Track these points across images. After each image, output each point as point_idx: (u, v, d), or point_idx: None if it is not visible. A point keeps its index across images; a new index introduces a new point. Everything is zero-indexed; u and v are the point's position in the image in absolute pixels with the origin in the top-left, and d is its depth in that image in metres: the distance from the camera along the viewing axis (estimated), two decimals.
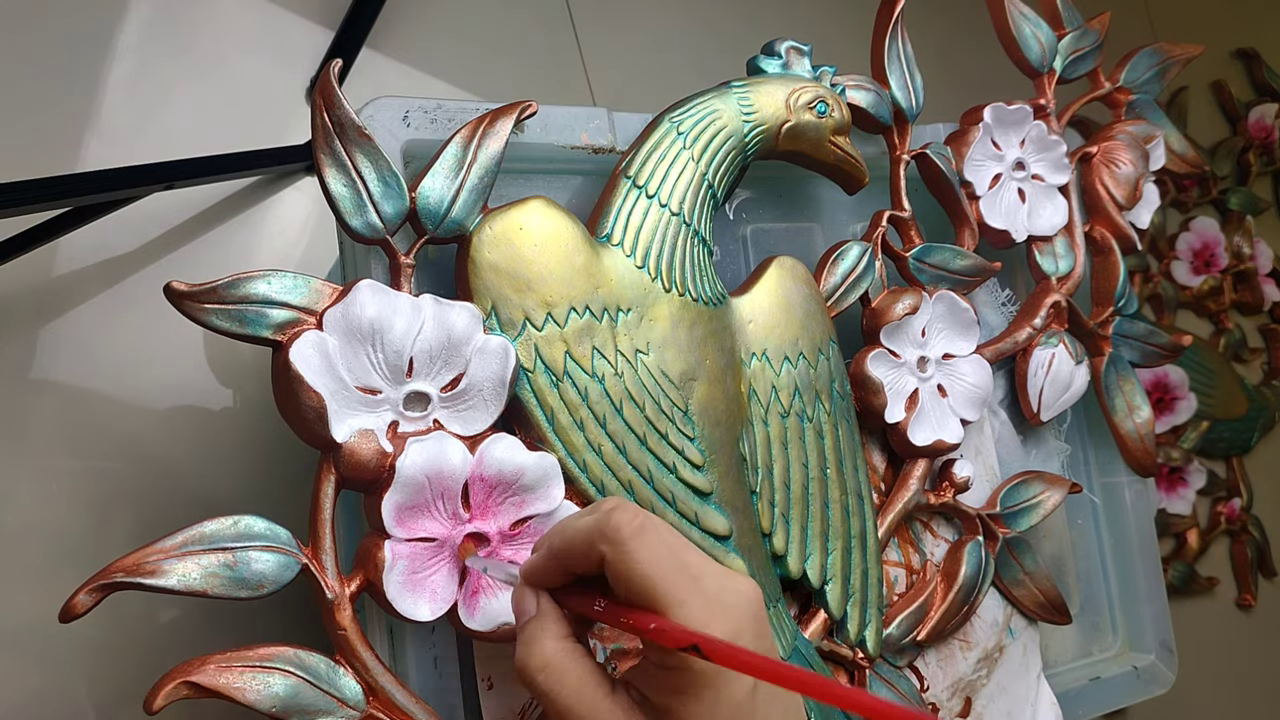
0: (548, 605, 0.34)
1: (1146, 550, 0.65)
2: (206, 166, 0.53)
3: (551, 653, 0.32)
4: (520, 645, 0.33)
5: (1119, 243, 0.63)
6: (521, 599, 0.34)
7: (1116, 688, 0.62)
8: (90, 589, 0.34)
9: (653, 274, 0.44)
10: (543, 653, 0.32)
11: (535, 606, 0.34)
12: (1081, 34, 0.64)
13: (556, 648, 0.33)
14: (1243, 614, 0.99)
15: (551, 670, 0.32)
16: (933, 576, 0.53)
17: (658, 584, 0.31)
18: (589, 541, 0.32)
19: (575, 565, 0.33)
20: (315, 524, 0.38)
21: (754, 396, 0.47)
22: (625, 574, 0.31)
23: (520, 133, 0.44)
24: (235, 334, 0.37)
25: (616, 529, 0.31)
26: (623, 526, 0.31)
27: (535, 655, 0.32)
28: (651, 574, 0.31)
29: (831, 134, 0.50)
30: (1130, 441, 0.63)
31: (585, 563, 0.33)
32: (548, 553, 0.34)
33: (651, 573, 0.31)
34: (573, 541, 0.33)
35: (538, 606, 0.34)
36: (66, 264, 0.52)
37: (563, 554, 0.33)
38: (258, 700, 0.35)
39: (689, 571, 0.31)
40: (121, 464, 0.51)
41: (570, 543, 0.33)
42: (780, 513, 0.47)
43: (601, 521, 0.32)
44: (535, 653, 0.32)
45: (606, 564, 0.32)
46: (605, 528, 0.32)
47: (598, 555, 0.32)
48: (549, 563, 0.34)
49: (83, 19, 0.55)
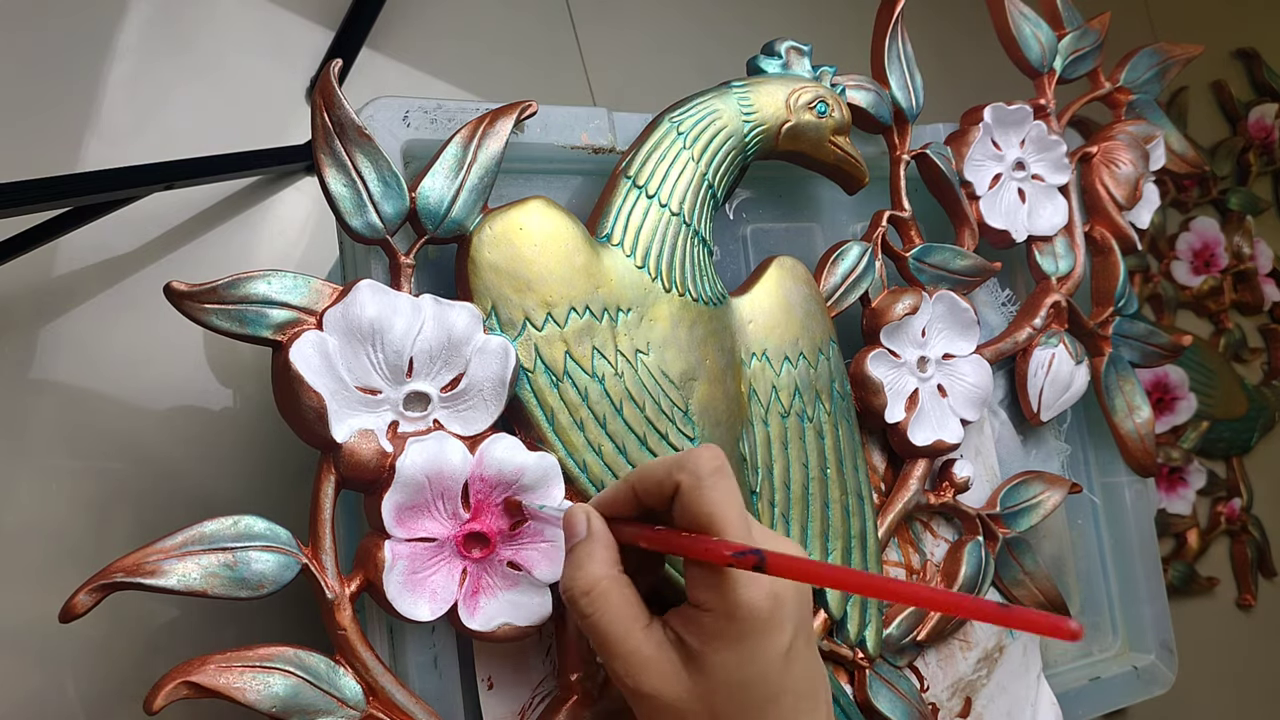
0: (599, 527, 0.35)
1: (1146, 550, 0.65)
2: (206, 166, 0.53)
3: (597, 578, 0.33)
4: (567, 567, 0.34)
5: (1119, 243, 0.63)
6: (574, 519, 0.35)
7: (1116, 688, 0.62)
8: (90, 589, 0.34)
9: (653, 274, 0.44)
10: (589, 576, 0.33)
11: (586, 529, 0.35)
12: (1081, 34, 0.64)
13: (603, 574, 0.34)
14: (1243, 614, 0.99)
15: (596, 595, 0.33)
16: (933, 576, 0.54)
17: (724, 518, 0.32)
18: (668, 471, 0.34)
19: (648, 494, 0.34)
20: (315, 524, 0.38)
21: (754, 396, 0.47)
22: (695, 503, 0.33)
23: (520, 133, 0.44)
24: (235, 334, 0.37)
25: (697, 462, 0.33)
26: (704, 463, 0.33)
27: (581, 579, 0.33)
28: (720, 508, 0.32)
29: (831, 134, 0.50)
30: (1130, 441, 0.63)
31: (658, 492, 0.34)
32: (624, 481, 0.35)
33: (721, 507, 0.32)
34: (650, 471, 0.34)
35: (589, 529, 0.35)
36: (66, 264, 0.52)
37: (638, 481, 0.35)
38: (258, 700, 0.35)
39: (748, 521, 0.33)
40: (121, 464, 0.51)
41: (648, 472, 0.34)
42: (780, 513, 0.47)
43: (684, 456, 0.34)
44: (582, 576, 0.34)
45: (680, 493, 0.33)
46: (686, 460, 0.33)
47: (673, 484, 0.33)
48: (623, 490, 0.35)
49: (83, 19, 0.55)
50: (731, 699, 0.32)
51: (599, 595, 0.33)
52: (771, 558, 0.30)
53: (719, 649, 0.32)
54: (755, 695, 0.32)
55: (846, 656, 0.48)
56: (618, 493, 0.36)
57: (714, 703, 0.32)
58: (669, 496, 0.34)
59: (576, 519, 0.35)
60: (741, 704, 0.32)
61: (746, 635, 0.32)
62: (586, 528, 0.35)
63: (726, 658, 0.32)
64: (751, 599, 0.32)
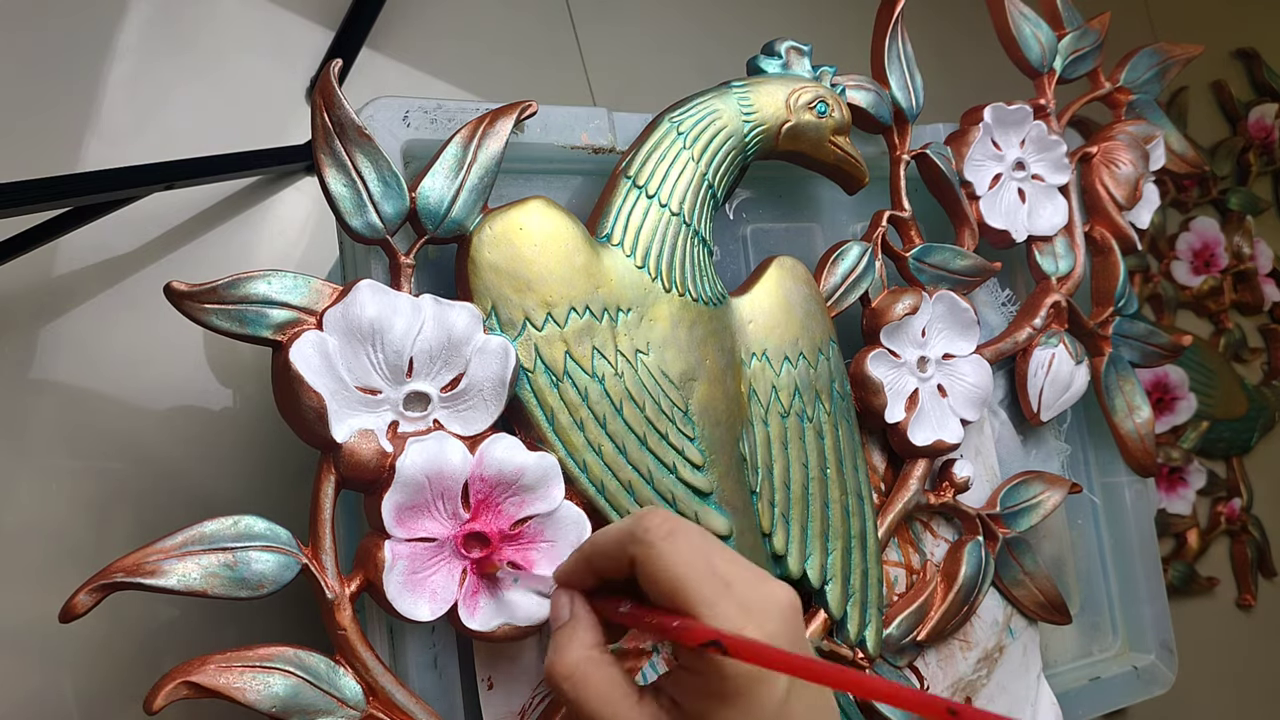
0: (581, 610, 0.34)
1: (1146, 550, 0.65)
2: (206, 166, 0.53)
3: (577, 661, 0.33)
4: (550, 651, 0.33)
5: (1119, 243, 0.63)
6: (555, 605, 0.35)
7: (1116, 688, 0.62)
8: (90, 589, 0.34)
9: (653, 274, 0.44)
10: (568, 660, 0.33)
11: (569, 612, 0.34)
12: (1081, 34, 0.64)
13: (583, 656, 0.33)
14: (1243, 614, 0.99)
15: (577, 678, 0.32)
16: (933, 576, 0.53)
17: (687, 586, 0.31)
18: (620, 544, 0.32)
19: (605, 568, 0.33)
20: (315, 524, 0.38)
21: (754, 396, 0.47)
22: (654, 576, 0.31)
23: (520, 133, 0.44)
24: (235, 334, 0.37)
25: (646, 531, 0.32)
26: (653, 529, 0.32)
27: (561, 662, 0.33)
28: (681, 576, 0.31)
29: (831, 134, 0.50)
30: (1130, 441, 0.63)
31: (615, 565, 0.33)
32: (578, 555, 0.34)
33: (681, 575, 0.31)
34: (604, 544, 0.33)
35: (571, 612, 0.34)
36: (66, 264, 0.52)
37: (593, 556, 0.34)
38: (258, 700, 0.35)
39: (720, 576, 0.31)
40: (121, 464, 0.51)
41: (601, 546, 0.33)
42: (780, 513, 0.47)
43: (633, 524, 0.32)
44: (561, 660, 0.33)
45: (637, 566, 0.32)
46: (636, 530, 0.32)
47: (628, 558, 0.32)
48: (579, 565, 0.34)
49: (83, 19, 0.55)
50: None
51: (580, 679, 0.32)
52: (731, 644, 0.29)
53: (716, 707, 0.31)
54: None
55: (846, 656, 0.48)
56: (574, 567, 0.35)
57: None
58: (627, 568, 0.33)
59: (558, 603, 0.35)
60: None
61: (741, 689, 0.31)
62: (569, 611, 0.34)
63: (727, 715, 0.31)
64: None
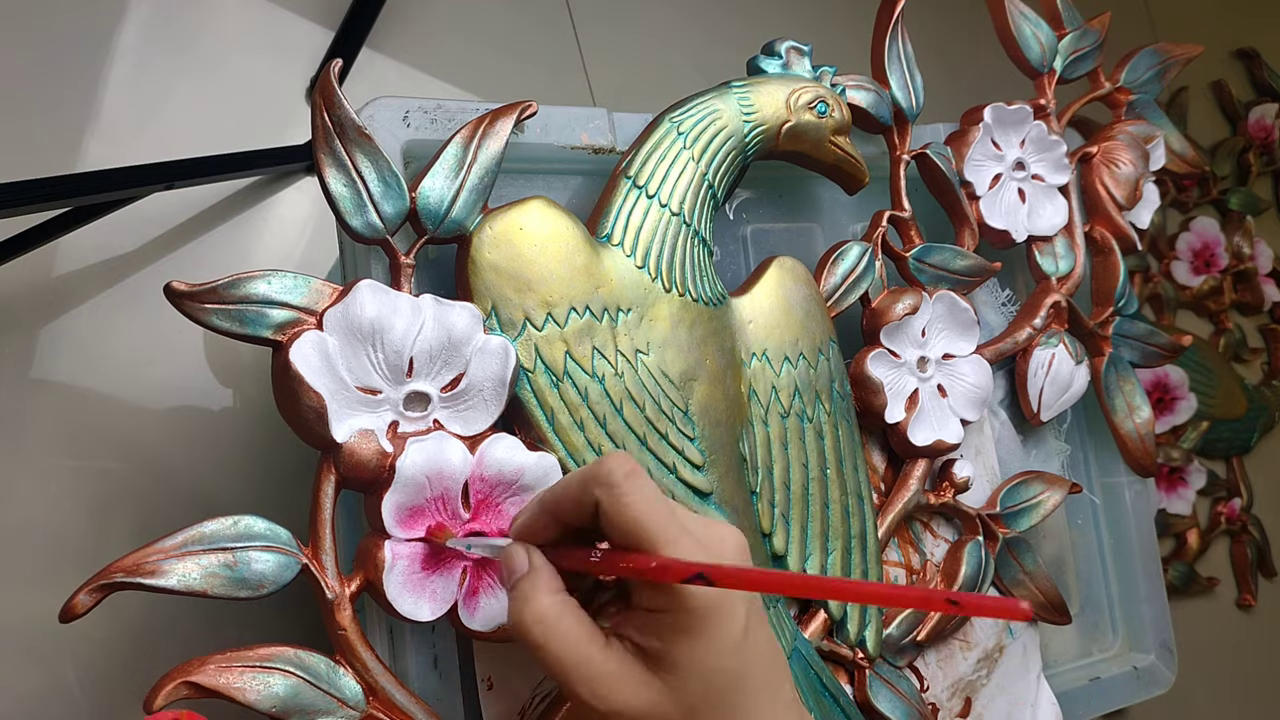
0: (540, 561, 0.34)
1: (1146, 550, 0.65)
2: (206, 166, 0.53)
3: (546, 606, 0.33)
4: (514, 601, 0.34)
5: (1119, 243, 0.63)
6: (512, 557, 0.35)
7: (1116, 688, 0.62)
8: (90, 589, 0.34)
9: (653, 274, 0.44)
10: (537, 607, 0.33)
11: (527, 563, 0.34)
12: (1081, 34, 0.64)
13: (551, 601, 0.33)
14: (1243, 614, 0.99)
15: (548, 623, 0.33)
16: (933, 576, 0.54)
17: (652, 526, 0.32)
18: (583, 487, 0.33)
19: (566, 515, 0.34)
20: (315, 524, 0.38)
21: (754, 397, 0.47)
22: (618, 516, 0.32)
23: (520, 133, 0.44)
24: (235, 334, 0.37)
25: (610, 473, 0.33)
26: (615, 470, 0.33)
27: (530, 610, 0.33)
28: (644, 515, 0.32)
29: (831, 134, 0.50)
30: (1130, 441, 0.63)
31: (577, 511, 0.33)
32: (539, 506, 0.35)
33: (644, 514, 0.32)
34: (564, 492, 0.34)
35: (530, 563, 0.34)
36: (66, 264, 0.52)
37: (553, 504, 0.34)
38: (258, 700, 0.35)
39: (677, 518, 0.33)
40: (121, 464, 0.51)
41: (562, 492, 0.34)
42: (780, 513, 0.47)
43: (595, 469, 0.33)
44: (530, 608, 0.33)
45: (600, 508, 0.33)
46: (599, 473, 0.33)
47: (591, 500, 0.33)
48: (540, 516, 0.35)
49: (83, 19, 0.55)
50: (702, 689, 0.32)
51: (550, 624, 0.33)
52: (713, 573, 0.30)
53: (681, 643, 0.32)
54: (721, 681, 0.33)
55: (846, 656, 0.48)
56: (533, 519, 0.35)
57: (685, 698, 0.32)
58: (590, 514, 0.33)
59: (516, 555, 0.35)
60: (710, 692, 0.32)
61: (705, 623, 0.32)
62: (528, 562, 0.34)
63: (692, 650, 0.32)
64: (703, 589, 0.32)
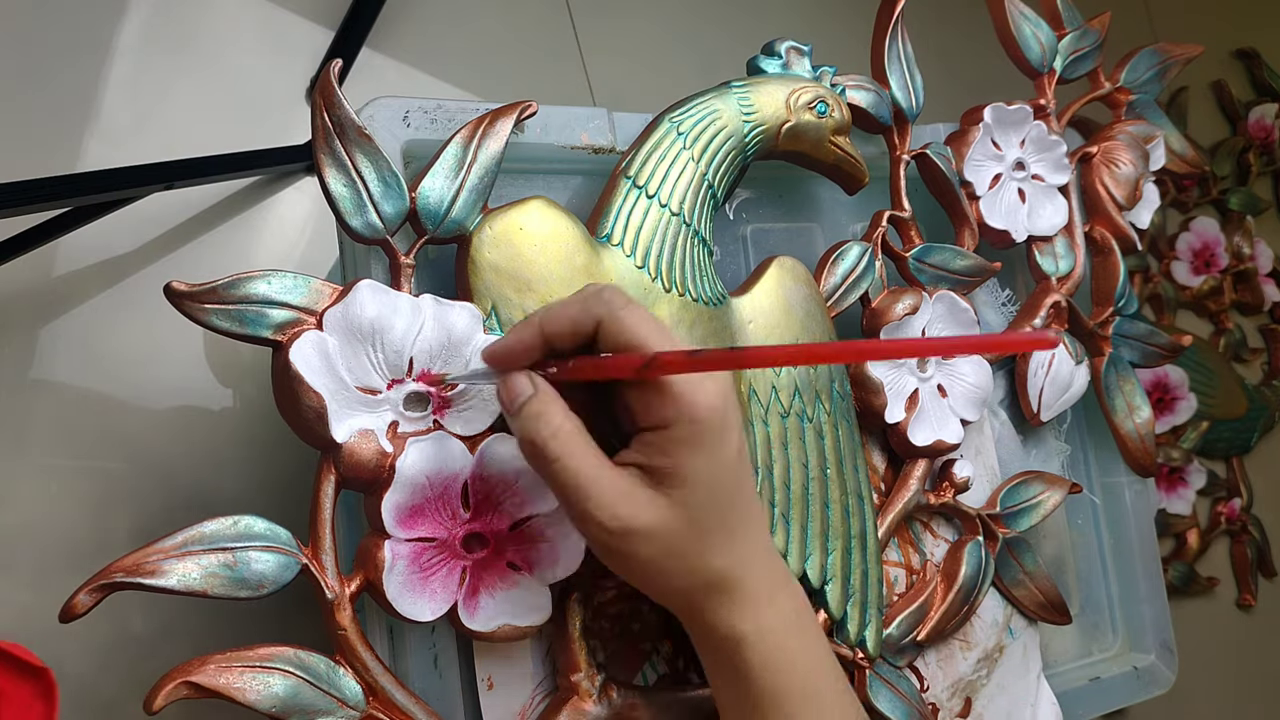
0: (544, 383, 0.36)
1: (1146, 550, 0.65)
2: (206, 166, 0.53)
3: (561, 422, 0.34)
4: (526, 420, 0.35)
5: (1119, 243, 0.63)
6: (515, 382, 0.36)
7: (1116, 688, 0.62)
8: (90, 589, 0.34)
9: (653, 274, 0.44)
10: (553, 421, 0.34)
11: (532, 386, 0.35)
12: (1081, 34, 0.64)
13: (565, 418, 0.34)
14: (1243, 614, 0.99)
15: (563, 437, 0.34)
16: (933, 576, 0.53)
17: (650, 339, 0.34)
18: (583, 308, 0.35)
19: (560, 334, 0.35)
20: (315, 524, 0.38)
21: (754, 397, 0.47)
22: (619, 332, 0.34)
23: (520, 133, 0.44)
24: (235, 334, 0.37)
25: (611, 299, 0.35)
26: (616, 297, 0.35)
27: (544, 425, 0.34)
28: (650, 332, 0.34)
29: (831, 134, 0.50)
30: (1130, 441, 0.63)
31: (572, 331, 0.35)
32: (538, 330, 0.36)
33: (649, 331, 0.34)
34: (564, 311, 0.35)
35: (535, 385, 0.35)
36: (66, 264, 0.52)
37: (547, 323, 0.35)
38: (258, 700, 0.35)
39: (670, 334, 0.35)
40: (121, 464, 0.51)
41: (560, 312, 0.35)
42: (780, 513, 0.47)
43: (595, 293, 0.35)
44: (545, 423, 0.34)
45: (602, 325, 0.34)
46: (601, 295, 0.35)
47: (591, 319, 0.34)
48: (530, 337, 0.36)
49: (83, 19, 0.55)
50: (707, 499, 0.34)
51: (567, 436, 0.34)
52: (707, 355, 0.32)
53: (689, 456, 0.34)
54: (724, 492, 0.35)
55: (846, 656, 0.48)
56: (522, 338, 0.36)
57: (691, 511, 0.34)
58: (586, 334, 0.35)
59: (519, 381, 0.35)
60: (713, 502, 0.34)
61: (710, 434, 0.34)
62: (532, 385, 0.35)
63: (697, 462, 0.34)
64: (709, 398, 0.34)
